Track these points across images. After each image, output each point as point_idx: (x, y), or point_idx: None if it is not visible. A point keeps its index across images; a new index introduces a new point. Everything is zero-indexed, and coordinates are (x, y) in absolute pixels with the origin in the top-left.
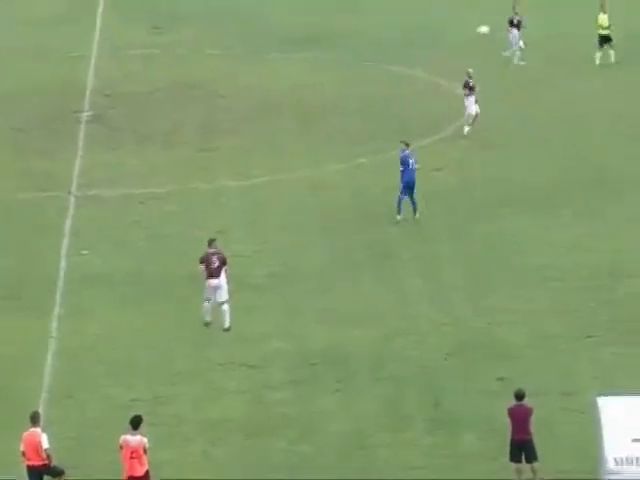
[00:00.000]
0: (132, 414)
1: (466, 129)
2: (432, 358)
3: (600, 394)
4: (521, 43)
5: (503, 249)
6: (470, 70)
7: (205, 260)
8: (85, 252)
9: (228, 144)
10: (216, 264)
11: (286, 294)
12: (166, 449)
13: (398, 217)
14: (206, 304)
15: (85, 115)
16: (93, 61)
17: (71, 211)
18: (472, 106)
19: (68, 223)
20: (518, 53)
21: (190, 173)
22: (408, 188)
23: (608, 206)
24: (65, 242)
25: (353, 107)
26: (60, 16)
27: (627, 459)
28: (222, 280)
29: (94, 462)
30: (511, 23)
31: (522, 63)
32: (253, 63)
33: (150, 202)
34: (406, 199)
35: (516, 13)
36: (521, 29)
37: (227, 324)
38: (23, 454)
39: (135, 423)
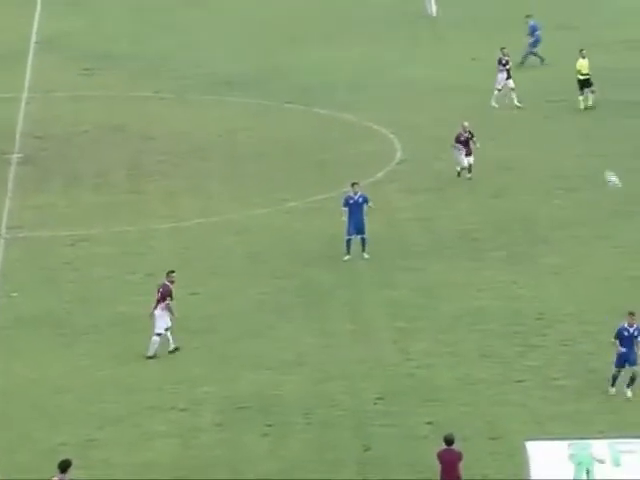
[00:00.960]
0: (61, 458)
1: (468, 175)
2: (362, 402)
3: (528, 438)
4: (511, 83)
5: (431, 293)
6: (466, 124)
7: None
8: (14, 294)
9: (157, 187)
10: (157, 297)
11: (216, 338)
12: None
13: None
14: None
15: (15, 157)
16: (24, 103)
17: (0, 253)
18: (463, 158)
19: None
20: (496, 93)
21: (120, 215)
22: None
23: (536, 252)
24: None
25: (282, 151)
26: None
27: None
28: (159, 312)
29: None
30: (500, 63)
31: (496, 105)
32: (182, 106)
33: (80, 244)
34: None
35: (505, 54)
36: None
37: (148, 353)
38: None
39: (63, 467)
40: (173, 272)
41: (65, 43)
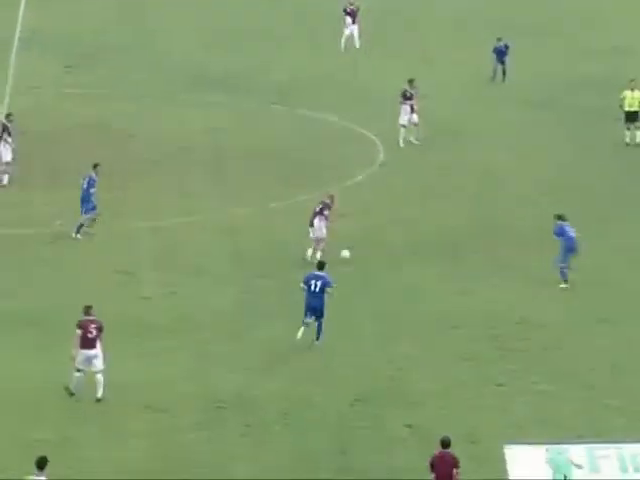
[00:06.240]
0: (38, 455)
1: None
2: (340, 404)
3: (507, 443)
4: (415, 118)
5: (410, 296)
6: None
7: (81, 327)
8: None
9: (139, 185)
10: (94, 333)
11: (194, 338)
12: None
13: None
14: (77, 374)
15: None
16: (7, 98)
17: None
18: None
19: None
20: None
21: (101, 213)
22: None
23: (515, 257)
24: None
25: (264, 151)
26: None
27: None
28: (98, 350)
29: None
30: (404, 96)
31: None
32: (165, 105)
33: (59, 242)
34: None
35: (412, 87)
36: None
37: (99, 394)
38: None
39: (41, 464)
40: (90, 307)
41: (49, 39)
